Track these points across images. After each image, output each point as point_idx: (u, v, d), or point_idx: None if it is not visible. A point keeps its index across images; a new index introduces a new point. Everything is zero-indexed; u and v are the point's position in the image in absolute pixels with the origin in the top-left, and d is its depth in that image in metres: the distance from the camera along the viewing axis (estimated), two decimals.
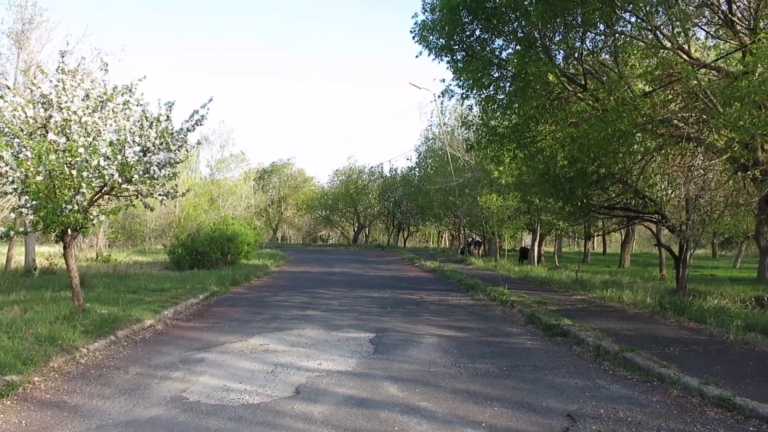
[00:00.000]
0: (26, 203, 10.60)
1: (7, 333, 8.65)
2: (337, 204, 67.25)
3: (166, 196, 12.04)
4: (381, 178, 66.09)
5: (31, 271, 22.89)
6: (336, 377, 7.59)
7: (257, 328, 11.15)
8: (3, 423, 5.74)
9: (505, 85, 16.19)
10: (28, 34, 23.87)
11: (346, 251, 52.54)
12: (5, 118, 10.57)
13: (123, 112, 11.29)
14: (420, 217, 58.39)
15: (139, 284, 16.68)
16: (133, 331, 10.35)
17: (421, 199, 49.83)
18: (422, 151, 51.48)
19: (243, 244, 28.24)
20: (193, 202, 36.90)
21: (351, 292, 17.85)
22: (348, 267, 29.82)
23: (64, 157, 10.28)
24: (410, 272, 27.53)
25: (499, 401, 6.62)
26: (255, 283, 20.55)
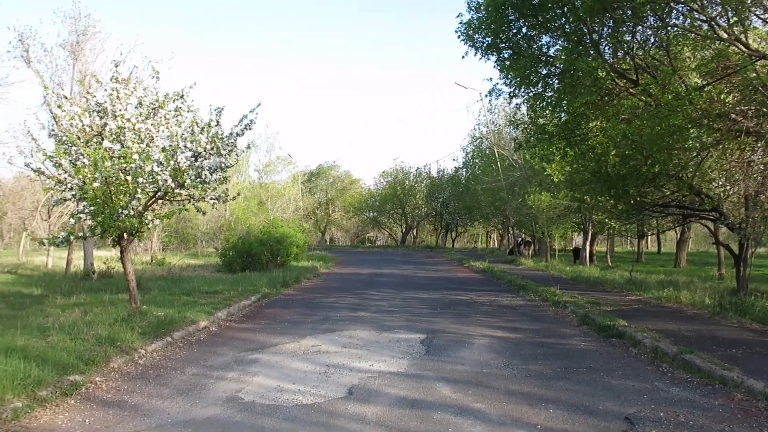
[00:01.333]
0: (84, 209, 10.98)
1: (70, 334, 8.95)
2: (384, 205, 67.45)
3: (217, 200, 12.29)
4: (428, 179, 65.99)
5: (90, 274, 23.58)
6: (388, 378, 7.62)
7: (309, 329, 11.28)
8: (68, 421, 5.95)
9: (554, 82, 15.98)
10: (82, 45, 24.64)
11: (394, 252, 52.62)
12: (63, 126, 10.95)
13: (175, 119, 11.56)
14: (468, 218, 58.09)
15: (192, 287, 17.04)
16: (188, 333, 10.58)
17: (468, 199, 49.59)
18: (469, 151, 51.23)
19: (292, 246, 28.56)
20: (242, 206, 37.46)
21: (400, 293, 17.88)
22: (397, 268, 29.87)
23: (119, 163, 10.59)
24: (459, 273, 27.43)
25: (553, 403, 6.56)
26: (305, 285, 20.75)
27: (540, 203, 30.50)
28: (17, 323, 10.24)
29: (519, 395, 6.86)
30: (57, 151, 10.68)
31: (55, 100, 11.10)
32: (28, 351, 7.64)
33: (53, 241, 11.42)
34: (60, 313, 11.58)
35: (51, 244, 11.80)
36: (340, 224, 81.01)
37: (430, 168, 67.86)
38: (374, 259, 38.92)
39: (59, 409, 6.32)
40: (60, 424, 5.86)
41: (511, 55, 15.64)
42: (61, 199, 11.60)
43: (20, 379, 6.54)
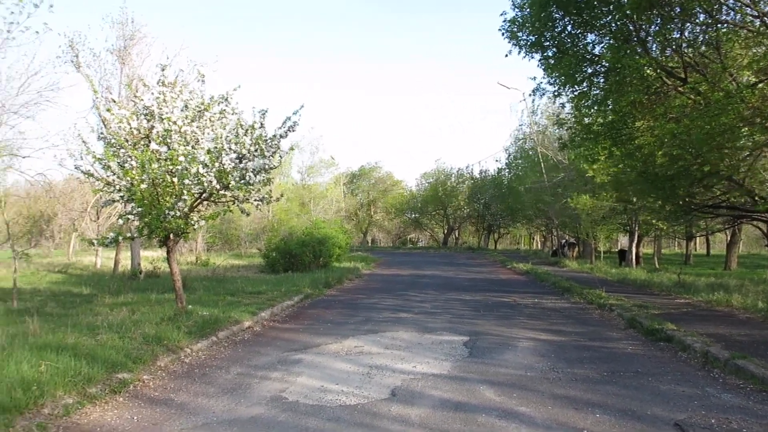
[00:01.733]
0: (132, 210, 11.24)
1: (118, 333, 9.14)
2: (426, 207, 67.38)
3: (261, 202, 12.44)
4: (470, 180, 65.68)
5: (137, 274, 24.07)
6: (431, 380, 7.60)
7: (351, 330, 11.31)
8: (117, 418, 6.07)
9: (599, 80, 15.75)
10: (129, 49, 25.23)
11: (435, 254, 52.49)
12: (112, 129, 11.20)
13: (219, 121, 11.73)
14: (510, 219, 57.64)
15: (236, 287, 17.26)
16: (232, 332, 10.72)
17: (511, 200, 49.21)
18: (512, 151, 50.80)
19: (334, 247, 28.72)
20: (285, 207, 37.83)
21: (442, 294, 17.82)
22: (438, 269, 29.79)
23: (165, 165, 10.79)
24: (502, 274, 27.22)
25: (600, 408, 6.45)
26: (347, 286, 20.83)
27: (583, 205, 30.08)
28: (68, 321, 10.51)
29: (564, 399, 6.77)
30: (106, 153, 10.95)
31: (103, 104, 11.36)
32: (79, 349, 7.83)
33: (102, 242, 11.69)
34: (108, 312, 11.84)
35: (100, 245, 12.08)
36: (381, 225, 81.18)
37: (471, 169, 67.48)
38: (416, 261, 38.88)
39: (108, 406, 6.46)
40: (109, 421, 5.99)
41: (555, 54, 15.48)
42: (109, 200, 11.87)
43: (71, 376, 6.71)
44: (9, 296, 17.87)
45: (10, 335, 8.89)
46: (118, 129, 11.22)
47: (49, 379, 6.47)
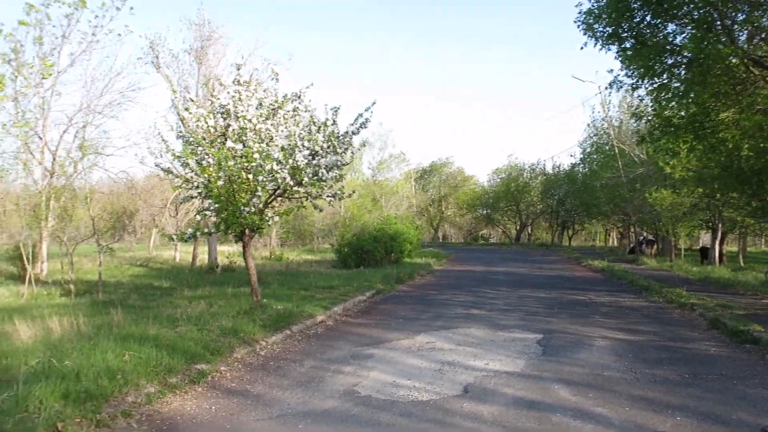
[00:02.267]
0: (209, 206, 11.55)
1: (196, 325, 9.44)
2: (498, 202, 66.59)
3: (333, 197, 12.57)
4: (543, 176, 64.55)
5: (214, 268, 24.80)
6: (504, 378, 7.53)
7: (423, 325, 11.33)
8: (196, 407, 6.28)
9: (680, 72, 15.18)
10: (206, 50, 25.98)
11: (508, 250, 51.89)
12: (190, 128, 11.56)
13: (293, 119, 11.93)
14: (585, 215, 56.35)
15: (309, 282, 17.54)
16: (306, 326, 10.90)
17: (586, 196, 48.09)
18: (587, 146, 49.62)
19: (406, 242, 28.78)
20: (357, 203, 38.10)
21: (515, 291, 17.62)
22: (511, 266, 29.45)
23: (241, 162, 11.05)
24: (577, 272, 26.68)
25: (681, 410, 6.25)
26: (418, 282, 20.86)
27: (662, 201, 29.12)
28: (149, 313, 10.90)
29: (642, 401, 6.58)
30: (184, 151, 11.30)
31: (182, 103, 11.73)
32: (160, 340, 8.12)
33: (181, 237, 12.07)
34: (187, 305, 12.22)
35: (179, 240, 12.48)
36: (453, 221, 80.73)
37: (544, 164, 66.32)
38: (488, 257, 38.54)
39: (188, 395, 6.68)
40: (188, 410, 6.20)
41: (633, 45, 15.01)
42: (188, 196, 12.26)
43: (153, 366, 6.98)
44: (94, 288, 18.73)
45: (96, 326, 9.30)
46: (195, 127, 11.57)
47: (132, 368, 6.74)
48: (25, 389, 5.68)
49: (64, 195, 21.82)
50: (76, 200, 22.20)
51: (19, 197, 22.97)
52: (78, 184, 23.60)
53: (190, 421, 5.91)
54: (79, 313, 10.55)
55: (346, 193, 13.09)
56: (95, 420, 5.57)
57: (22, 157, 22.39)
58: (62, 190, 22.01)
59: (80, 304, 14.86)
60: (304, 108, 12.01)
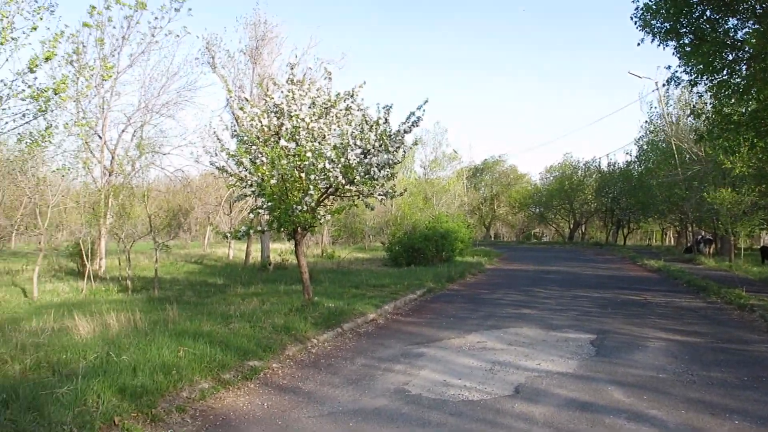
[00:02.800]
0: (262, 204, 11.75)
1: (249, 322, 9.61)
2: (551, 201, 65.74)
3: (385, 196, 12.62)
4: (598, 173, 63.39)
5: (267, 266, 25.16)
6: (556, 378, 7.45)
7: (474, 325, 11.28)
8: (248, 404, 6.39)
9: (741, 68, 14.74)
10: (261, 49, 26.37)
11: (561, 249, 51.22)
12: (244, 127, 11.77)
13: (345, 117, 12.01)
14: (641, 214, 55.15)
15: (360, 280, 17.65)
16: (357, 324, 10.98)
17: (641, 194, 47.11)
18: (643, 143, 48.52)
19: (457, 241, 28.70)
20: (408, 201, 38.12)
21: (568, 291, 17.38)
22: (564, 265, 29.05)
23: (294, 161, 11.19)
24: (632, 271, 26.16)
25: (740, 414, 6.08)
26: (470, 281, 20.77)
27: (722, 200, 28.28)
28: (203, 310, 11.17)
29: (699, 403, 6.43)
30: (239, 150, 11.51)
31: (237, 103, 11.99)
32: (213, 336, 8.30)
33: (235, 235, 12.30)
34: (240, 302, 12.46)
35: (233, 238, 12.72)
36: (505, 220, 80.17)
37: (599, 162, 65.02)
38: (540, 256, 38.11)
39: (240, 391, 6.81)
40: (241, 406, 6.32)
41: (692, 41, 14.65)
42: (241, 195, 12.49)
43: (206, 362, 7.14)
44: (151, 285, 19.23)
45: (152, 322, 9.57)
46: (250, 126, 11.78)
47: (186, 364, 6.91)
48: (84, 383, 5.88)
49: (122, 193, 22.39)
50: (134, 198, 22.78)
51: (79, 195, 23.74)
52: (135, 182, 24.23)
53: (242, 417, 6.02)
54: (135, 309, 10.87)
55: (397, 191, 13.14)
56: (151, 415, 5.73)
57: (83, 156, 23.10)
58: (120, 188, 22.61)
59: (137, 300, 15.30)
60: (357, 107, 12.08)
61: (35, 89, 10.93)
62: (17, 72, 10.70)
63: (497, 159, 74.39)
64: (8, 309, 15.29)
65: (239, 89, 25.31)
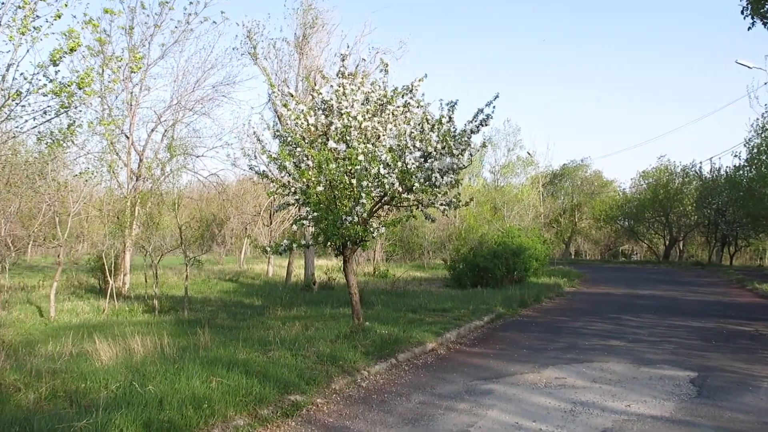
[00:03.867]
0: (307, 215, 11.80)
1: (290, 350, 9.68)
2: (642, 212, 64.43)
3: (448, 206, 12.58)
4: (698, 180, 61.88)
5: (311, 285, 25.34)
6: (650, 423, 7.27)
7: (551, 358, 11.12)
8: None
9: None
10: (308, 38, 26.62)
11: (654, 269, 50.15)
12: (288, 126, 11.90)
13: (403, 115, 12.03)
14: (751, 228, 53.60)
15: (418, 302, 17.62)
16: (414, 355, 10.95)
17: (752, 205, 45.83)
18: (754, 145, 47.15)
19: (531, 259, 28.40)
20: (475, 212, 37.99)
21: (663, 319, 16.99)
22: (658, 289, 28.42)
23: (344, 165, 11.24)
24: (740, 297, 25.41)
25: None
26: (546, 305, 20.52)
27: None
28: (239, 335, 11.30)
29: None
30: (281, 152, 11.62)
31: (280, 99, 12.15)
32: (250, 365, 8.39)
33: (276, 249, 12.39)
34: (280, 326, 12.58)
35: (273, 252, 12.84)
36: (587, 234, 78.99)
37: (700, 167, 63.44)
38: (630, 277, 37.38)
39: (279, 430, 6.86)
40: None
41: None
42: (284, 204, 12.63)
43: (242, 396, 7.21)
44: (180, 305, 19.58)
45: (181, 348, 9.73)
46: (294, 126, 11.90)
47: (219, 397, 6.99)
48: (105, 416, 6.00)
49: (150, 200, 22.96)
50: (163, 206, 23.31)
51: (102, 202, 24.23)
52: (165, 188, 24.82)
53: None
54: (163, 332, 11.08)
55: (462, 200, 13.08)
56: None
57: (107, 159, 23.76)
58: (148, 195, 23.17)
59: (164, 322, 15.61)
60: (416, 103, 12.09)
61: (57, 84, 11.27)
62: (38, 64, 11.04)
63: (579, 163, 73.42)
64: (23, 330, 15.78)
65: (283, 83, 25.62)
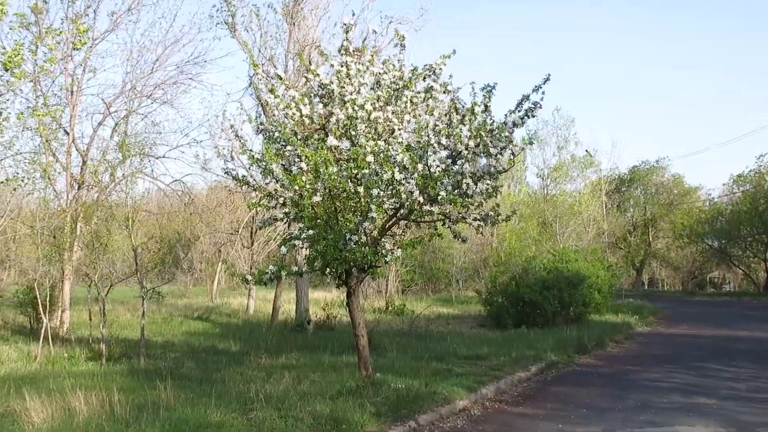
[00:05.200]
0: (300, 233, 11.66)
1: (279, 410, 9.64)
2: (737, 229, 64.03)
3: (483, 221, 12.48)
4: None
5: (304, 324, 25.27)
6: None
7: (619, 420, 11.07)
8: None
9: None
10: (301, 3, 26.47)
11: (753, 303, 49.93)
12: (275, 118, 11.83)
13: (425, 103, 11.94)
14: None
15: (444, 347, 17.57)
16: (439, 416, 10.90)
17: None
18: None
19: (592, 290, 28.31)
20: (517, 229, 37.93)
21: (766, 369, 16.89)
22: (759, 329, 28.27)
23: (347, 168, 11.13)
24: None
25: None
26: (611, 351, 20.43)
27: None
28: (211, 390, 11.27)
29: None
30: (266, 152, 11.53)
31: (265, 83, 12.08)
32: (226, 430, 8.34)
33: (259, 278, 12.21)
34: (265, 379, 12.53)
35: (256, 282, 12.73)
36: (665, 258, 78.66)
37: None
38: (720, 313, 37.23)
39: None
40: None
41: None
42: (270, 219, 12.59)
43: None
44: (135, 351, 19.50)
45: (137, 406, 9.70)
46: (283, 117, 11.83)
47: None
48: None
49: (97, 214, 22.86)
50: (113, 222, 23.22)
51: (35, 217, 24.02)
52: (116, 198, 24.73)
53: None
54: (113, 386, 11.04)
55: (502, 214, 13.01)
56: None
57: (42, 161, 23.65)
58: (94, 208, 23.08)
59: (114, 373, 15.55)
60: (442, 88, 12.03)
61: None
62: None
63: (654, 165, 73.14)
64: None
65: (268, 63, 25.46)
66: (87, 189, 25.84)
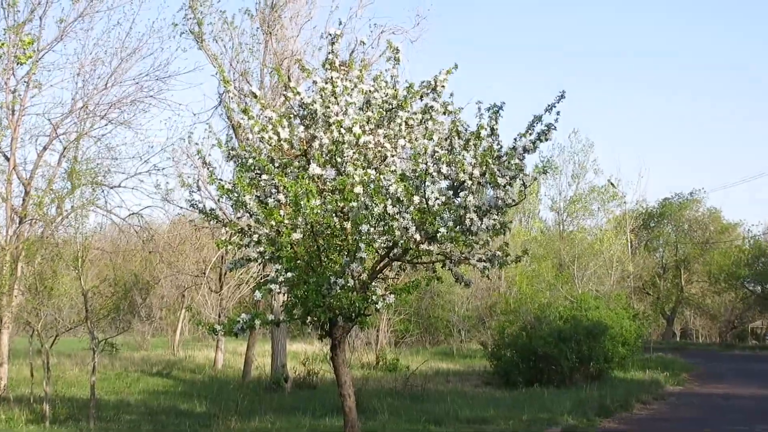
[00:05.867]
0: (277, 275, 11.62)
1: None
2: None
3: (489, 262, 12.45)
4: None
5: (281, 382, 25.19)
6: None
7: None
8: None
9: None
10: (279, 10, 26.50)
11: None
12: (249, 142, 11.84)
13: (422, 126, 11.96)
14: None
15: (443, 409, 17.52)
16: None
17: None
18: None
19: (615, 343, 28.28)
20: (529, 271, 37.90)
21: None
22: None
23: (332, 201, 11.13)
24: None
25: None
26: (638, 413, 20.39)
27: None
28: None
29: None
30: (238, 181, 11.52)
31: (237, 101, 12.08)
32: None
33: (230, 329, 12.16)
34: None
35: (225, 333, 12.69)
36: (700, 304, 78.49)
37: None
38: (764, 370, 37.19)
39: None
40: None
41: None
42: (242, 259, 12.55)
43: None
44: (84, 412, 19.39)
45: None
46: (258, 142, 11.84)
47: None
48: None
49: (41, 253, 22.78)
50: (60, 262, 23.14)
51: None
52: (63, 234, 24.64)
53: None
54: None
55: (511, 254, 12.99)
56: None
57: None
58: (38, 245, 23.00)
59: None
60: (442, 107, 12.06)
61: None
62: None
63: (687, 198, 73.17)
64: None
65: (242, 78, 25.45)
66: (30, 223, 25.73)
